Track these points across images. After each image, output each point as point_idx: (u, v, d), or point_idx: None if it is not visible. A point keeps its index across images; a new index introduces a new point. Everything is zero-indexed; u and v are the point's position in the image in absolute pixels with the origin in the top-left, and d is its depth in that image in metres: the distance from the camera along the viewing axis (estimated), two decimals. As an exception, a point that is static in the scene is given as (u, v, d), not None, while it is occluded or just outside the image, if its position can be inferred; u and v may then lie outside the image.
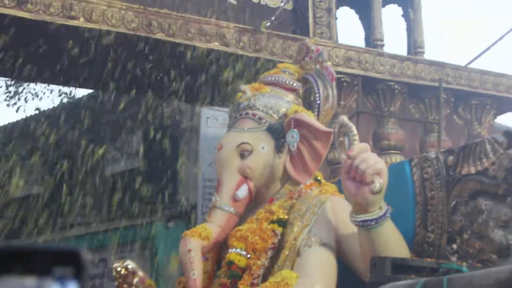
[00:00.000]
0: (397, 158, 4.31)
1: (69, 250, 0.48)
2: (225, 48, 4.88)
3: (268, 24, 5.02)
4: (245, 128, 3.59)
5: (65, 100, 9.88)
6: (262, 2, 5.26)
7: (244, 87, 3.79)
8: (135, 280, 3.09)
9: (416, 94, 5.62)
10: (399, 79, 5.48)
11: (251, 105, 3.66)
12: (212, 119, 6.24)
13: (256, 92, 3.74)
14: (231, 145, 3.53)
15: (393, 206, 2.85)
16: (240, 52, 4.94)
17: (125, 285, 3.06)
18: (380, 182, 2.74)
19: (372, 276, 2.32)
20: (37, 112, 10.43)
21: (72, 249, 0.47)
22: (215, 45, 4.84)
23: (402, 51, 6.03)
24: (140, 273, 3.17)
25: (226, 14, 5.00)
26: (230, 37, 4.89)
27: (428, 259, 2.65)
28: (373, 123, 5.42)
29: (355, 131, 3.13)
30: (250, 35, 4.99)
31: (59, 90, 10.13)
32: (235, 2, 5.10)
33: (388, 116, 5.32)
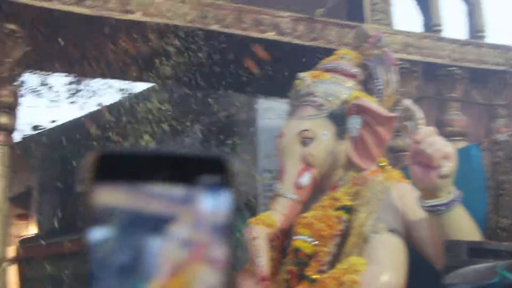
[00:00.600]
0: (461, 145, 4.18)
1: (216, 158, 0.46)
2: (280, 38, 4.84)
3: (323, 11, 4.96)
4: (306, 116, 3.56)
5: (124, 95, 10.01)
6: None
7: (303, 74, 3.75)
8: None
9: (479, 78, 5.45)
10: (460, 64, 5.32)
11: (311, 92, 3.63)
12: (269, 110, 6.21)
13: (315, 79, 3.70)
14: (293, 133, 3.51)
15: (461, 191, 2.76)
16: (296, 41, 4.90)
17: None
18: (449, 166, 2.67)
19: (448, 260, 2.25)
20: (98, 108, 10.60)
21: (218, 157, 0.45)
22: (271, 35, 4.81)
23: (462, 35, 5.85)
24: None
25: (280, 3, 4.97)
26: (286, 27, 4.85)
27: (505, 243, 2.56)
28: (435, 109, 5.29)
29: (420, 115, 3.06)
30: (306, 24, 4.94)
31: (119, 87, 10.26)
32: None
33: (452, 101, 5.18)
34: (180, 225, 0.45)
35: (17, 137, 5.76)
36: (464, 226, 2.70)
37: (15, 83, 4.67)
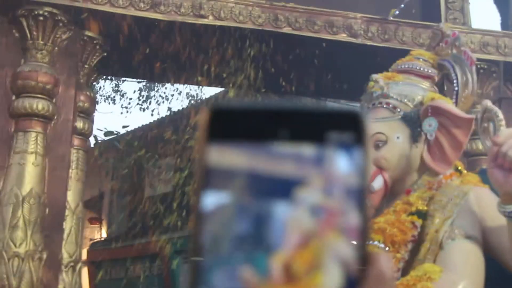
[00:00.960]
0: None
1: (345, 113, 0.41)
2: (353, 40, 4.76)
3: (397, 12, 4.84)
4: (379, 118, 3.47)
5: (192, 101, 10.19)
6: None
7: (376, 76, 3.66)
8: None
9: None
10: (543, 63, 5.07)
11: (384, 94, 3.53)
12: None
13: (389, 81, 3.60)
14: (365, 135, 3.43)
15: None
16: (369, 43, 4.81)
17: None
18: (532, 170, 2.53)
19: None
20: (168, 113, 10.85)
21: (349, 111, 0.41)
22: (343, 36, 4.74)
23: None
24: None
25: (353, 4, 4.90)
26: (358, 28, 4.77)
27: None
28: (515, 111, 5.06)
29: (501, 116, 2.92)
30: (379, 25, 4.83)
31: (187, 93, 10.44)
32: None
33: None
34: (309, 189, 0.41)
35: (93, 143, 5.95)
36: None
37: (91, 89, 4.82)
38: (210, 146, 0.41)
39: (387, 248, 3.04)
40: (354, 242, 0.39)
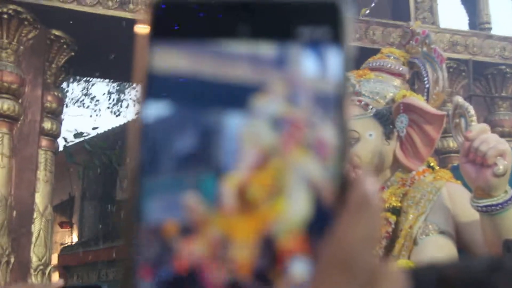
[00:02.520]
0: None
1: (318, 1, 0.31)
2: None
3: (368, 11, 4.86)
4: (352, 115, 3.47)
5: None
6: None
7: (348, 74, 3.66)
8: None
9: (530, 77, 5.27)
10: (511, 62, 5.15)
11: (356, 91, 3.53)
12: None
13: (360, 79, 3.61)
14: (338, 133, 3.43)
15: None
16: (339, 42, 4.82)
17: None
18: (504, 164, 2.54)
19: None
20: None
21: (324, 1, 0.31)
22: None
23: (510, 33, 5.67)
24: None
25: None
26: (329, 27, 4.79)
27: None
28: (484, 109, 5.13)
29: (472, 111, 2.94)
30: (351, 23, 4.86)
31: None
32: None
33: (502, 97, 5.01)
34: (270, 97, 0.32)
35: (60, 145, 5.84)
36: (521, 227, 2.57)
37: (59, 89, 4.73)
38: (152, 46, 0.33)
39: (361, 245, 3.04)
40: (327, 160, 0.31)
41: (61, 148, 5.77)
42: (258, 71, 0.32)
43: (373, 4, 4.85)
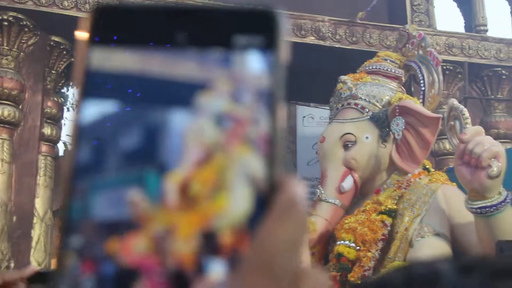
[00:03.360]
0: (507, 147, 4.06)
1: (257, 11, 0.34)
2: (321, 42, 4.80)
3: (364, 15, 4.90)
4: (348, 119, 3.51)
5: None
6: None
7: (345, 77, 3.70)
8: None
9: (525, 79, 5.29)
10: (506, 64, 5.18)
11: (352, 94, 3.58)
12: (308, 118, 6.16)
13: (357, 82, 3.65)
14: (334, 136, 3.46)
15: (511, 192, 2.67)
16: (337, 45, 4.85)
17: None
18: (498, 166, 2.57)
19: (498, 262, 2.17)
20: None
21: (260, 9, 0.33)
22: (311, 39, 4.77)
23: (508, 35, 5.70)
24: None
25: (321, 8, 4.93)
26: (326, 31, 4.81)
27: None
28: (480, 111, 5.16)
29: (467, 114, 2.98)
30: (346, 28, 4.88)
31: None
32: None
33: (497, 99, 5.04)
34: (213, 95, 0.34)
35: (61, 150, 5.87)
36: (515, 228, 2.60)
37: (59, 95, 4.76)
38: (93, 48, 0.34)
39: (358, 247, 3.07)
40: (265, 157, 0.32)
41: (61, 153, 5.80)
42: (200, 72, 0.33)
43: (369, 9, 4.88)
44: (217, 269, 0.31)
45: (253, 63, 0.33)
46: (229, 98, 0.33)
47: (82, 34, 0.33)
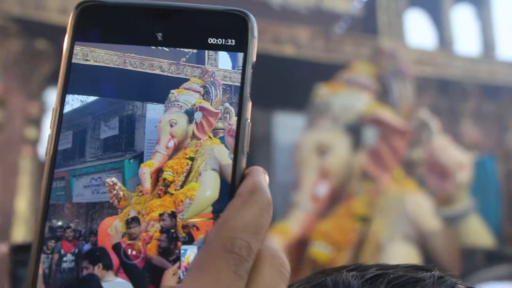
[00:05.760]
0: (473, 157, 4.25)
1: (230, 12, 0.36)
2: (297, 52, 4.94)
3: (339, 29, 5.06)
4: (323, 127, 3.65)
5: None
6: (332, 8, 5.32)
7: (320, 87, 3.85)
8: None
9: (490, 93, 5.52)
10: (472, 79, 5.40)
11: (327, 104, 3.72)
12: (284, 125, 6.28)
13: (332, 92, 3.80)
14: (309, 144, 3.59)
15: (476, 200, 2.83)
16: (313, 55, 4.99)
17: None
18: (464, 175, 2.74)
19: (464, 267, 2.32)
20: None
21: (233, 11, 0.36)
22: (288, 49, 4.91)
23: (474, 51, 5.94)
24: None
25: (298, 21, 5.07)
26: (303, 41, 4.96)
27: (518, 249, 2.63)
28: (448, 123, 5.36)
29: (435, 125, 3.14)
30: (322, 39, 5.03)
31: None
32: (306, 12, 5.18)
33: (463, 112, 5.25)
34: (186, 91, 0.37)
35: (44, 152, 5.87)
36: (478, 234, 2.76)
37: (43, 98, 4.79)
38: (77, 43, 0.36)
39: (331, 251, 3.21)
40: (232, 148, 0.34)
41: (44, 155, 5.80)
42: (176, 69, 0.36)
43: (343, 22, 5.03)
44: (186, 252, 0.33)
45: (224, 61, 0.36)
46: (201, 94, 0.36)
47: (67, 28, 0.37)
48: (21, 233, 4.16)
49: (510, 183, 2.97)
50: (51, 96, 5.41)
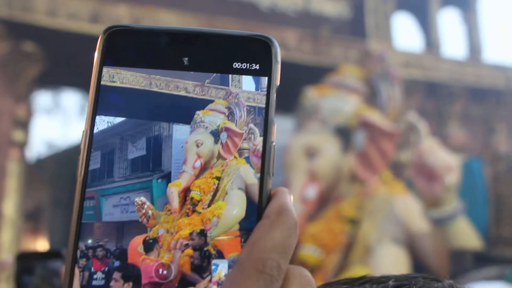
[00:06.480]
0: (460, 159, 4.28)
1: (254, 38, 0.37)
2: (286, 55, 4.95)
3: (327, 32, 5.08)
4: (312, 130, 3.66)
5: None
6: (320, 11, 5.34)
7: (308, 90, 3.86)
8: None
9: (477, 96, 5.57)
10: (459, 82, 5.45)
11: (316, 107, 3.73)
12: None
13: (320, 95, 3.81)
14: (298, 147, 3.60)
15: (463, 202, 2.86)
16: (301, 58, 5.01)
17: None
18: (452, 177, 2.76)
19: (453, 268, 2.34)
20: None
21: (257, 36, 0.37)
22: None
23: (461, 54, 5.99)
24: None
25: (286, 23, 5.09)
26: (291, 44, 4.97)
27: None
28: (435, 125, 5.39)
29: (423, 127, 3.16)
30: (311, 41, 5.05)
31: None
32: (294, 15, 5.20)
33: (451, 114, 5.29)
34: (212, 112, 0.38)
35: (31, 154, 5.83)
36: (466, 236, 2.78)
37: (30, 101, 4.76)
38: (106, 67, 0.37)
39: (320, 253, 3.22)
40: (258, 169, 0.35)
41: (31, 158, 5.77)
42: (201, 91, 0.38)
43: (331, 25, 5.06)
44: (217, 268, 0.34)
45: (248, 83, 0.37)
46: (226, 115, 0.37)
47: (96, 52, 0.37)
48: (7, 236, 4.12)
49: (497, 185, 2.99)
50: (39, 98, 5.41)
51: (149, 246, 0.35)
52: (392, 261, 3.09)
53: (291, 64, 4.91)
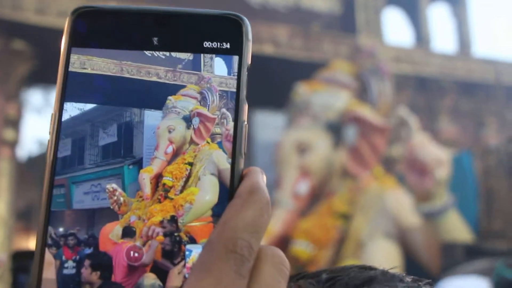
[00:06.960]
0: (450, 153, 4.31)
1: (224, 16, 0.36)
2: (277, 51, 4.96)
3: (318, 27, 5.09)
4: (303, 126, 3.67)
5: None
6: (311, 7, 5.35)
7: (300, 86, 3.87)
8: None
9: (467, 90, 5.60)
10: (449, 76, 5.47)
11: (307, 103, 3.74)
12: (265, 123, 6.29)
13: (311, 90, 3.82)
14: (290, 143, 3.61)
15: (454, 196, 2.88)
16: (292, 54, 5.01)
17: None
18: (443, 172, 2.78)
19: (444, 261, 2.35)
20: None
21: (227, 15, 0.36)
22: (267, 48, 4.92)
23: (451, 49, 6.02)
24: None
25: (277, 20, 5.09)
26: (282, 40, 4.98)
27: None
28: (425, 119, 5.42)
29: (413, 122, 3.18)
30: (301, 37, 5.06)
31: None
32: (285, 11, 5.20)
33: (441, 108, 5.31)
34: (183, 97, 0.37)
35: (22, 153, 5.81)
36: (457, 230, 2.80)
37: (21, 99, 4.74)
38: (74, 49, 0.36)
39: (312, 249, 3.23)
40: (229, 153, 0.34)
41: (23, 156, 5.75)
42: (172, 76, 0.37)
43: (322, 21, 5.07)
44: (191, 254, 0.34)
45: (220, 67, 0.37)
46: (198, 100, 0.37)
47: (62, 36, 0.36)
48: (0, 234, 4.11)
49: (487, 178, 3.01)
50: (29, 96, 5.38)
51: (124, 233, 0.34)
52: (384, 255, 3.11)
53: (282, 60, 4.91)
